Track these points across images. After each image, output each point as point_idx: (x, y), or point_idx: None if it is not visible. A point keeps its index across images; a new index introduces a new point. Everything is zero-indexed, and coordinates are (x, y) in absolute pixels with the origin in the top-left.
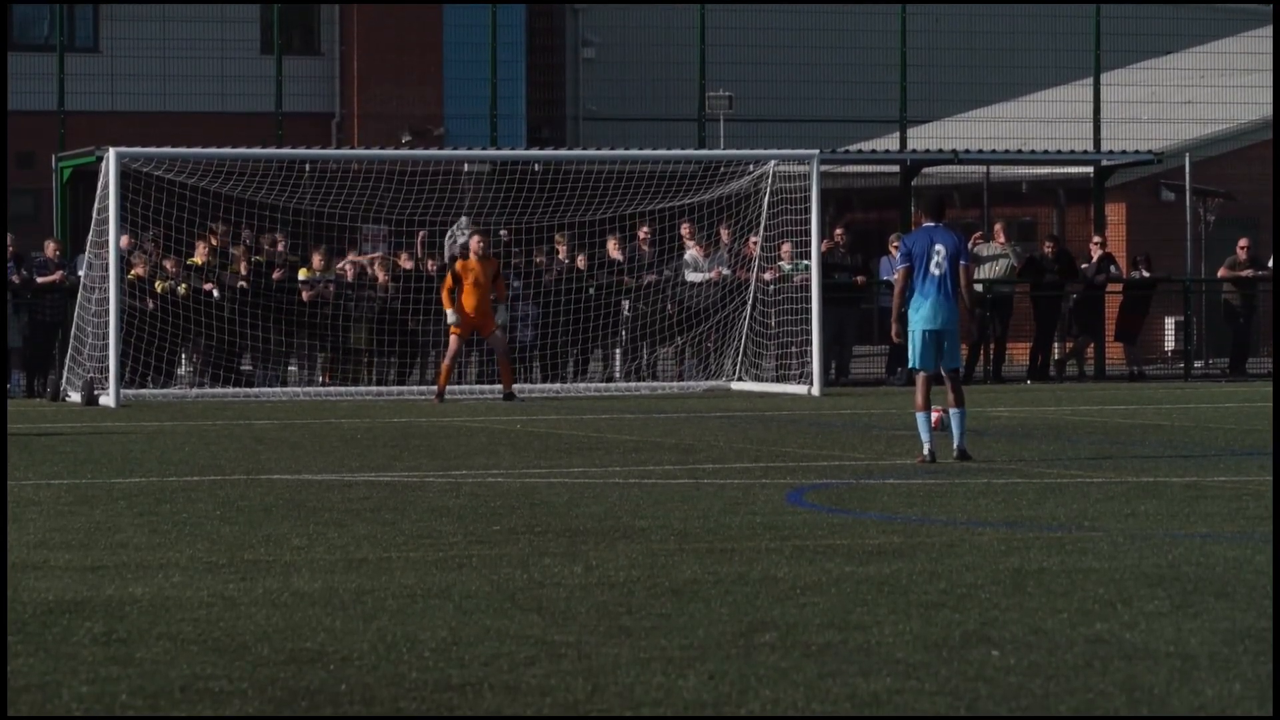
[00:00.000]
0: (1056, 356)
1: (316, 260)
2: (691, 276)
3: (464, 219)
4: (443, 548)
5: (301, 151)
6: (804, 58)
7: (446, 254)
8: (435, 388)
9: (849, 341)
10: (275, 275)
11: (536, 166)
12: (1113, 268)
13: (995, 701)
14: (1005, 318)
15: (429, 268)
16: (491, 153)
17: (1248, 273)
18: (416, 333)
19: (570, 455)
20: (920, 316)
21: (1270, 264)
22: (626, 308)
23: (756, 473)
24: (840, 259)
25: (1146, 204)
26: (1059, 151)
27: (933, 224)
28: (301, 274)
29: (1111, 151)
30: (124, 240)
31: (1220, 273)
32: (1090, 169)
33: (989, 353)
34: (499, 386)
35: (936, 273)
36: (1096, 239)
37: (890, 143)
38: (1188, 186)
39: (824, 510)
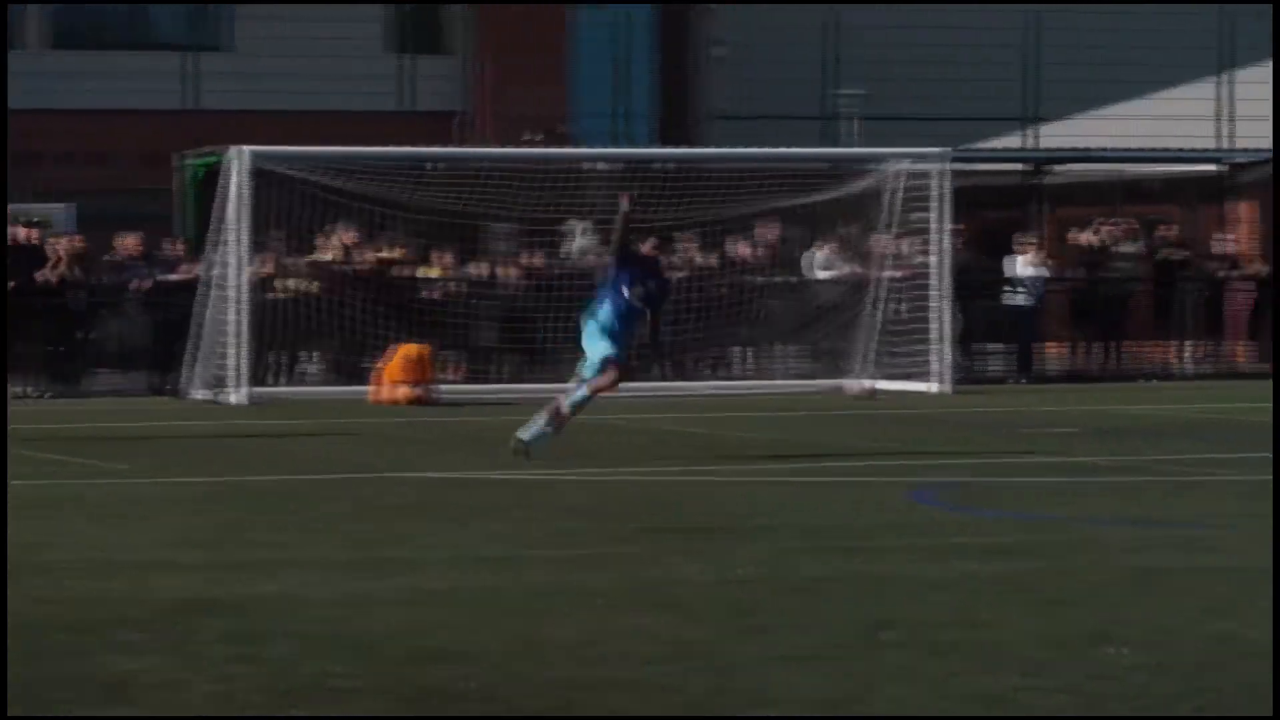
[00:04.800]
0: (1180, 353)
1: (444, 259)
2: (821, 274)
3: (578, 223)
4: (571, 546)
5: (429, 150)
6: (936, 55)
7: (567, 253)
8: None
9: (978, 339)
10: (401, 274)
11: (667, 165)
12: (1241, 265)
13: (1119, 700)
14: (1121, 314)
15: (553, 267)
16: (619, 150)
17: None
18: (546, 331)
19: (697, 454)
20: None
21: None
22: (755, 306)
23: (882, 470)
24: (969, 257)
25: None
26: (1190, 150)
27: None
28: (432, 273)
29: (1245, 150)
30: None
31: None
32: (1222, 167)
33: (1107, 350)
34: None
35: None
36: (1229, 237)
37: (1019, 140)
38: None
39: (949, 508)
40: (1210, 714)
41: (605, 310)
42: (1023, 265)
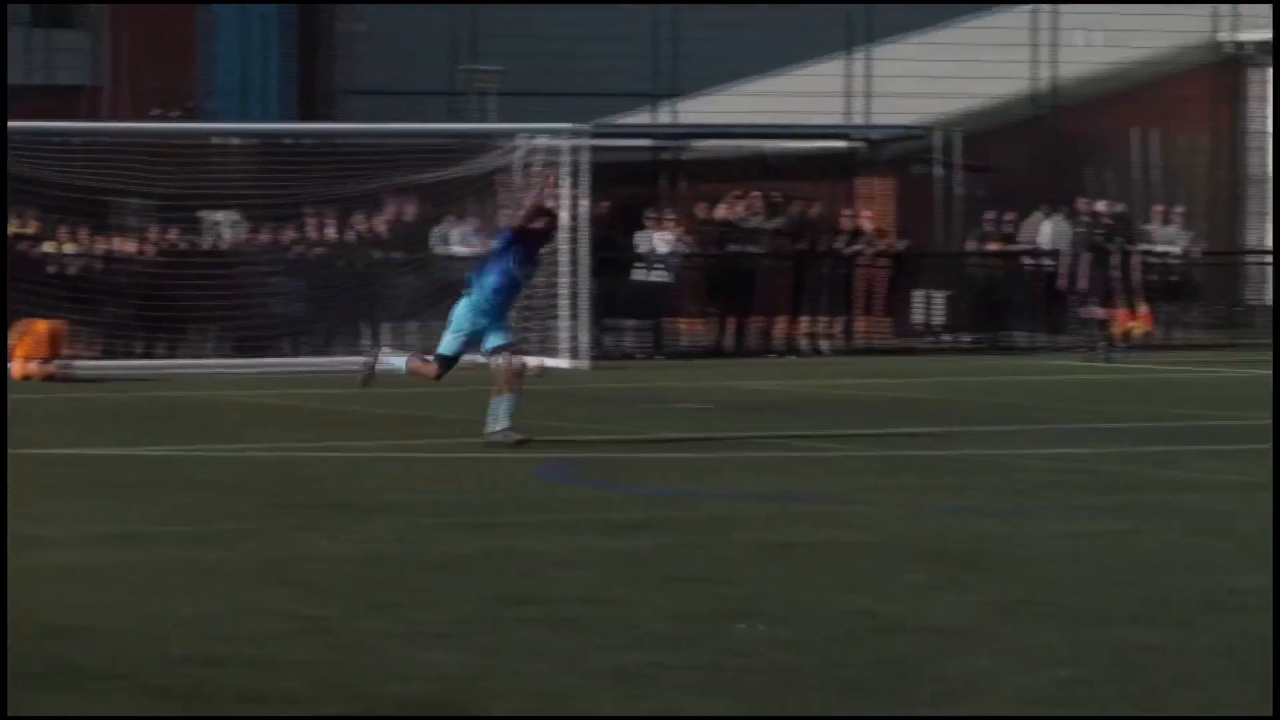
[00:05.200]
0: (813, 330)
1: (74, 234)
2: (457, 249)
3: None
4: (199, 522)
5: (60, 124)
6: (572, 31)
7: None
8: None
9: (613, 315)
10: (31, 249)
11: (301, 141)
12: (875, 241)
13: (752, 674)
14: (754, 290)
15: (192, 245)
16: (250, 125)
17: (995, 245)
18: (184, 308)
19: (329, 430)
20: None
21: (1080, 242)
22: (396, 281)
23: (514, 446)
24: (603, 232)
25: (913, 179)
26: (827, 125)
27: None
28: (66, 248)
29: (879, 126)
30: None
31: (980, 246)
32: (858, 143)
33: (741, 325)
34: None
35: None
36: (865, 213)
37: (654, 116)
38: (953, 162)
39: (579, 484)
40: (843, 687)
41: (492, 284)
42: (658, 241)
